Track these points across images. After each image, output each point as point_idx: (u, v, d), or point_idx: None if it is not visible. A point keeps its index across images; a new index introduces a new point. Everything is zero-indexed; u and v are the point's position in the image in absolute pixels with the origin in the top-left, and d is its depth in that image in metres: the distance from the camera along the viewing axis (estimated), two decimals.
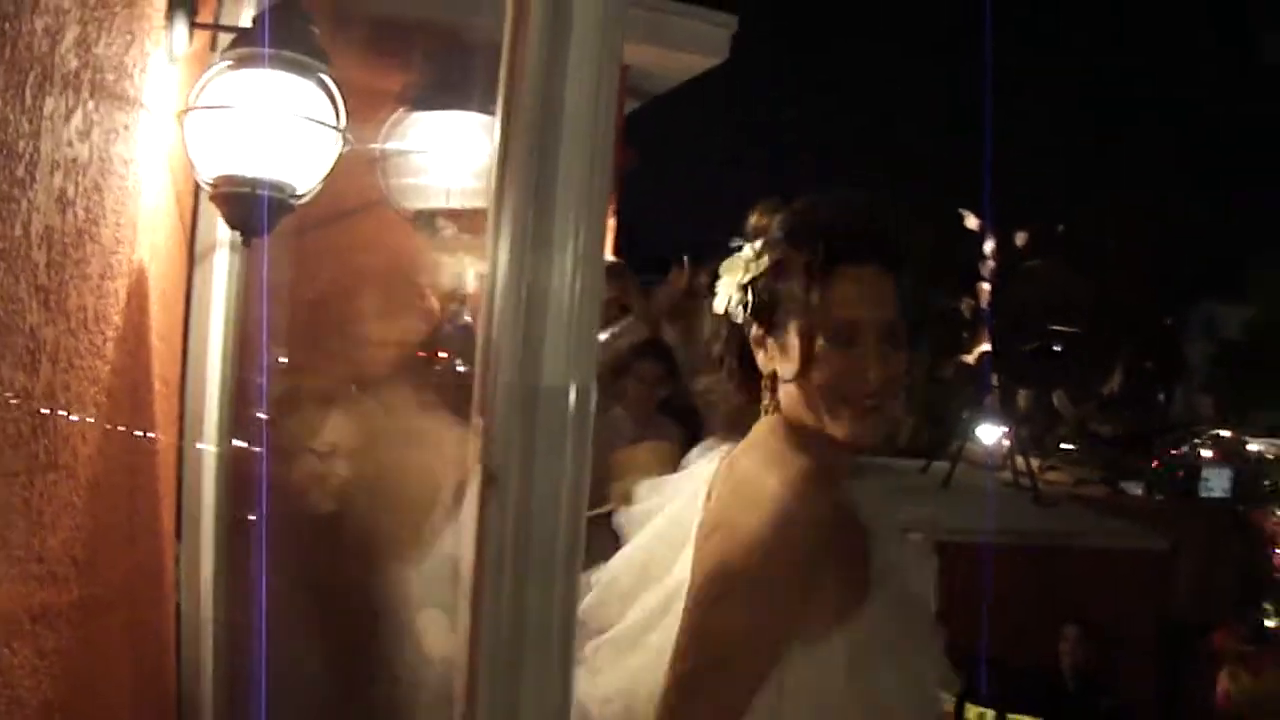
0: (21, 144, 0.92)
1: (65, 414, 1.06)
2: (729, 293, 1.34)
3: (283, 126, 1.37)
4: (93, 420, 1.16)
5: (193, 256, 1.78)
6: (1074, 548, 4.46)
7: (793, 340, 1.27)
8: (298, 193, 1.42)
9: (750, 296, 1.31)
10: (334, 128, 1.43)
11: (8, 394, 0.91)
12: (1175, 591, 5.57)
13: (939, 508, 4.62)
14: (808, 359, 1.26)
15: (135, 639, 1.59)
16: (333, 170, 1.47)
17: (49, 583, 1.04)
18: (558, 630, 1.22)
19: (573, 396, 1.19)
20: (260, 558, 1.73)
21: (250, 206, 1.37)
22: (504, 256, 1.16)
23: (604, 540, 2.81)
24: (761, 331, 1.31)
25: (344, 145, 1.45)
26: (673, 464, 2.56)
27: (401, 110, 1.85)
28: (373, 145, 1.80)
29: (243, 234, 1.43)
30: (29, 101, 0.92)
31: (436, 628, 1.95)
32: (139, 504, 1.52)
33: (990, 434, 5.69)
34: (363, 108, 1.59)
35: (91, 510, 1.18)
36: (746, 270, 1.33)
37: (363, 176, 1.71)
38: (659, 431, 3.13)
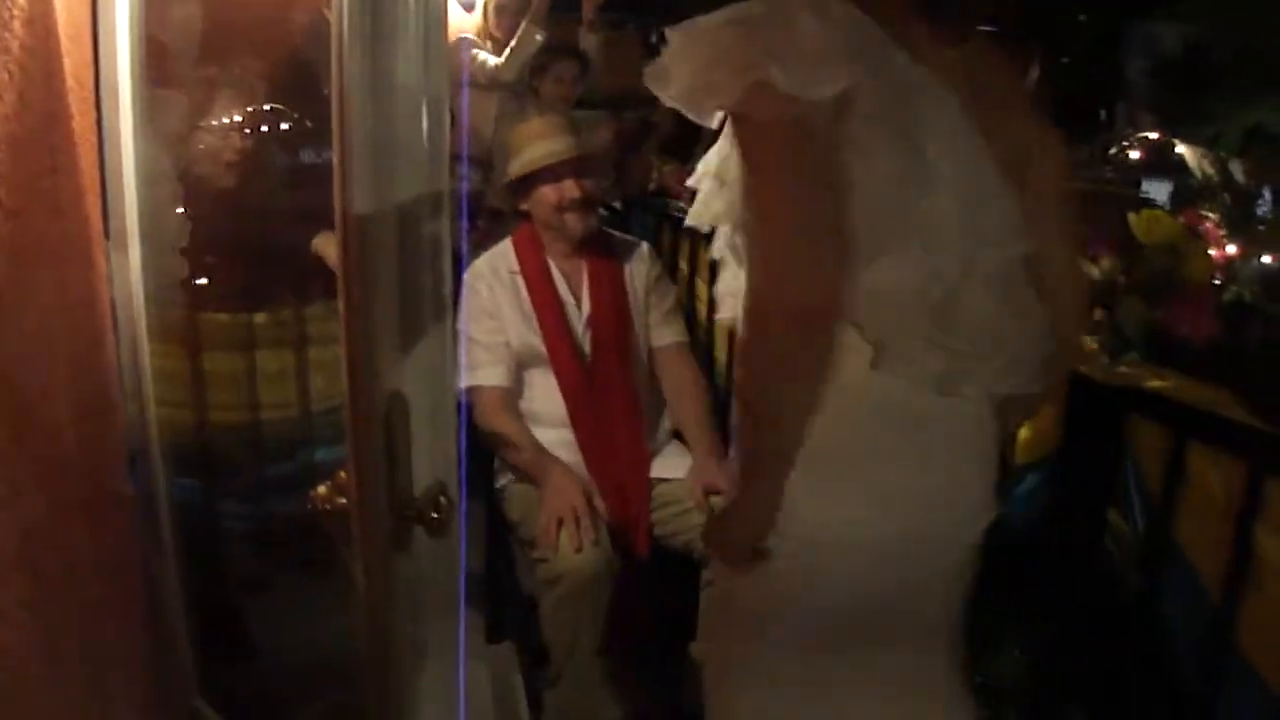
0: None
1: None
2: None
3: None
4: (5, 79, 1.33)
5: None
6: None
7: None
8: None
9: None
10: None
11: None
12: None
13: None
14: None
15: (70, 319, 1.78)
16: None
17: None
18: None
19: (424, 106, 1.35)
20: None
21: None
22: None
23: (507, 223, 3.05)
24: None
25: None
26: (573, 132, 2.78)
27: None
28: None
29: None
30: None
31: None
32: (62, 183, 1.69)
33: None
34: None
35: (15, 165, 1.36)
36: None
37: None
38: (584, 126, 3.32)
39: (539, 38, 4.31)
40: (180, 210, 2.15)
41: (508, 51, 4.32)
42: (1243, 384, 2.22)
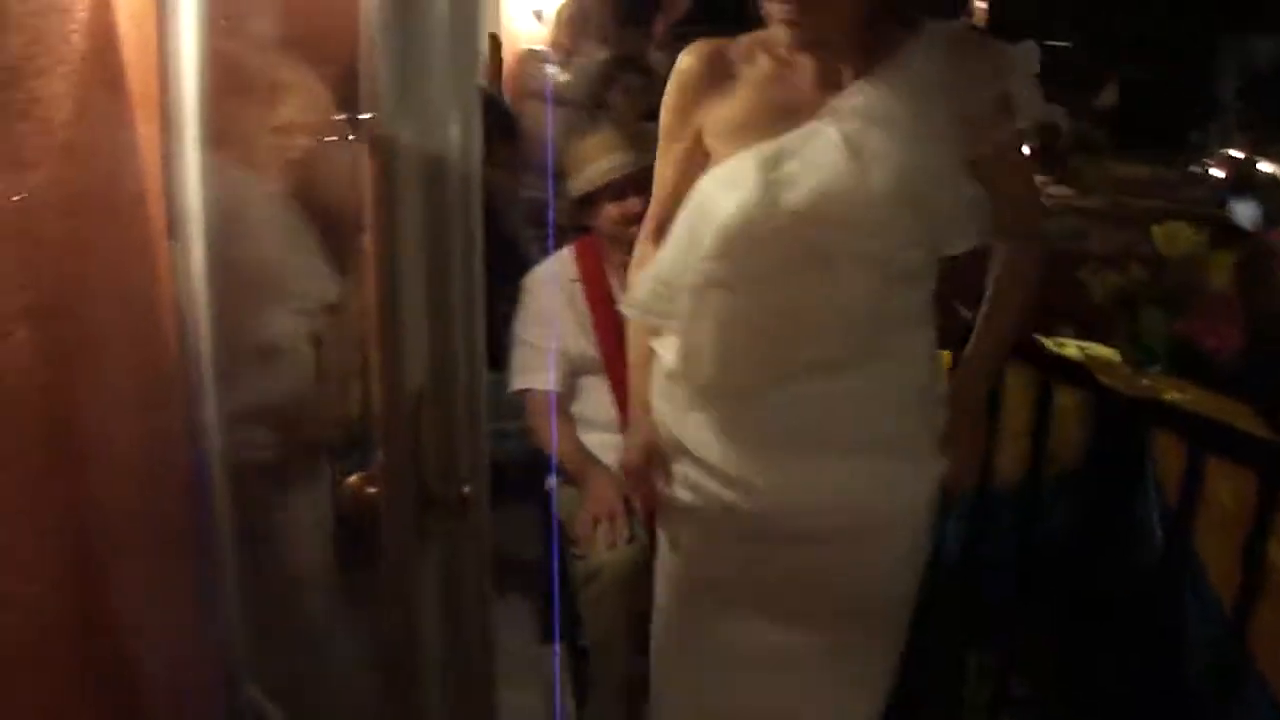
0: None
1: (36, 76, 1.31)
2: None
3: None
4: (64, 89, 1.42)
5: None
6: (1069, 251, 4.31)
7: None
8: None
9: None
10: None
11: None
12: None
13: None
14: None
15: (128, 312, 1.88)
16: None
17: (35, 236, 1.31)
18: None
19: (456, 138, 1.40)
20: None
21: None
22: None
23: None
24: None
25: None
26: (634, 146, 2.81)
27: None
28: None
29: None
30: None
31: None
32: (121, 186, 1.78)
33: None
34: None
35: (72, 168, 1.44)
36: None
37: None
38: (646, 139, 3.35)
39: (602, 55, 4.37)
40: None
41: (573, 69, 4.40)
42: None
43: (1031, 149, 5.90)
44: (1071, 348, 2.66)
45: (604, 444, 2.82)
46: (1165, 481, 2.17)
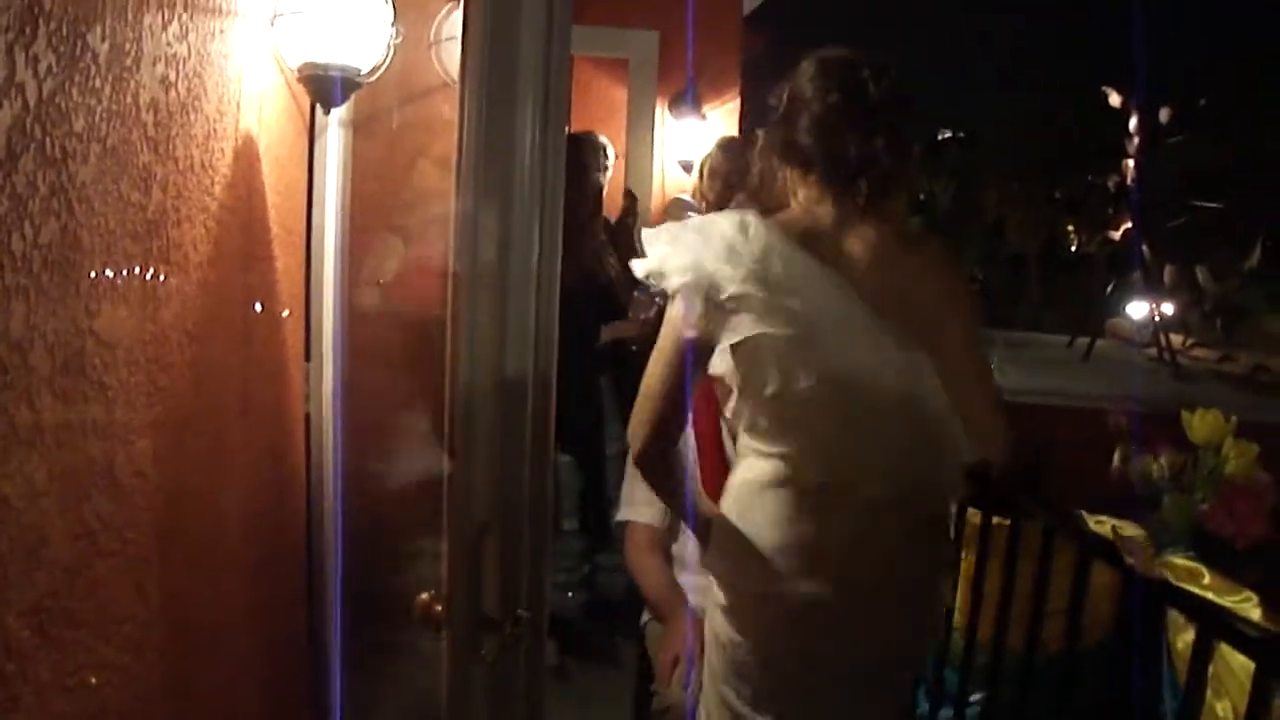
0: (127, 45, 1.31)
1: (175, 225, 1.52)
2: None
3: (346, 23, 1.81)
4: (202, 234, 1.62)
5: (313, 131, 2.26)
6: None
7: None
8: (362, 73, 1.88)
9: None
10: (389, 21, 1.88)
11: (124, 204, 1.35)
12: None
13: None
14: None
15: (255, 425, 2.07)
16: (396, 59, 1.91)
17: (164, 362, 1.50)
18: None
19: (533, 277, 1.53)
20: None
21: (326, 85, 1.83)
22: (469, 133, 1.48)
23: None
24: None
25: (398, 36, 1.90)
26: None
27: (450, 3, 2.25)
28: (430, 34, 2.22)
29: (323, 106, 1.89)
30: (130, 18, 1.34)
31: None
32: (254, 315, 1.99)
33: (1140, 310, 5.79)
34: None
35: (204, 302, 1.64)
36: None
37: (424, 64, 2.13)
38: None
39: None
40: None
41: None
42: None
43: (1176, 310, 5.87)
44: (1107, 525, 2.71)
45: (700, 587, 2.90)
46: (1179, 661, 2.22)
